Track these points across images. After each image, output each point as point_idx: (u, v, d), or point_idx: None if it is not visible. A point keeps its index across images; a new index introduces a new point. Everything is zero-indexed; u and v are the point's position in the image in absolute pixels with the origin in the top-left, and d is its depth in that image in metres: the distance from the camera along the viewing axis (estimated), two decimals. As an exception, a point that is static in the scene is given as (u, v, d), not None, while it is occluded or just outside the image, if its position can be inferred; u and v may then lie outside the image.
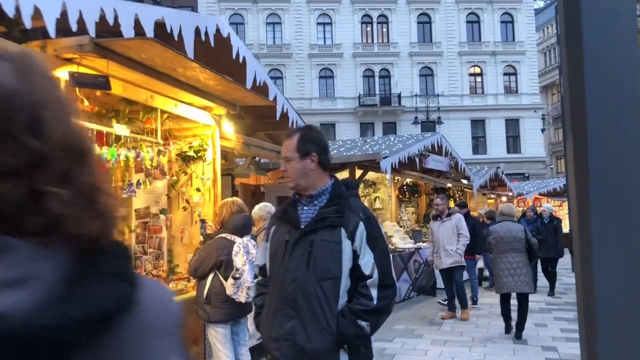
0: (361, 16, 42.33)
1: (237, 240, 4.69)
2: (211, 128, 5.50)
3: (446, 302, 9.69)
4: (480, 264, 12.86)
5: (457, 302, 9.39)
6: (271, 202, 12.87)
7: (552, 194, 25.74)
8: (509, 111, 42.37)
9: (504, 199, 23.67)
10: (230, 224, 4.76)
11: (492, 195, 22.16)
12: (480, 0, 42.84)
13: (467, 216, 10.70)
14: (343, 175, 12.33)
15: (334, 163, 11.44)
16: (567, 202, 27.17)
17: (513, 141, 42.68)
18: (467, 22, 43.11)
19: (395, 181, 13.51)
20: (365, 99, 41.78)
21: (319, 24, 42.18)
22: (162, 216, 5.56)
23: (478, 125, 42.56)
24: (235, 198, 5.10)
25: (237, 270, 4.59)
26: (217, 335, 4.71)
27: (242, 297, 4.61)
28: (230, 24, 37.98)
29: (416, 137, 13.01)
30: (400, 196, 14.12)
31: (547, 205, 13.11)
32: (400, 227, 13.33)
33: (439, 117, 38.02)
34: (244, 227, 4.78)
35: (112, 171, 5.17)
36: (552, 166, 53.27)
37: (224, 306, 4.66)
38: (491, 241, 7.92)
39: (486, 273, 13.51)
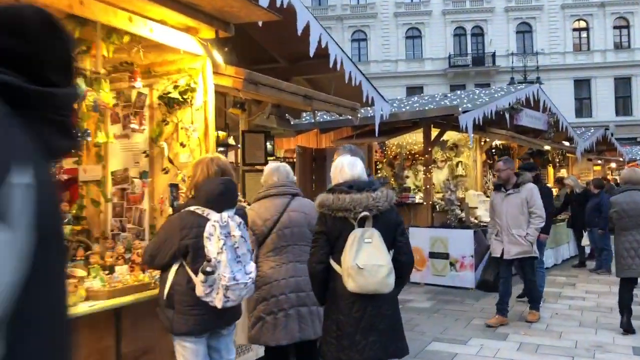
0: (450, -29, 39.06)
1: (213, 216, 3.13)
2: (200, 59, 3.94)
3: (524, 298, 7.47)
4: (585, 240, 10.67)
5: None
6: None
7: (671, 160, 22.24)
8: (619, 69, 37.76)
9: (613, 165, 20.66)
10: (202, 192, 3.20)
11: (599, 161, 19.29)
12: (587, -55, 38.16)
13: (536, 181, 7.44)
14: (417, 135, 10.49)
15: (404, 121, 9.61)
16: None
17: (623, 102, 38.15)
18: (572, -30, 38.62)
19: (482, 143, 11.43)
20: (456, 60, 38.76)
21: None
22: (137, 181, 4.12)
23: (582, 86, 38.37)
24: (217, 154, 3.52)
25: (210, 261, 3.05)
26: (185, 353, 3.22)
27: (217, 301, 3.07)
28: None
29: (507, 89, 10.83)
30: (489, 161, 12.01)
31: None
32: (487, 197, 11.29)
33: (538, 77, 34.40)
34: (222, 198, 3.20)
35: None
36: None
37: (192, 312, 3.15)
38: (612, 215, 6.44)
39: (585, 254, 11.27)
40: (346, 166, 3.40)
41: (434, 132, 9.73)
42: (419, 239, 9.24)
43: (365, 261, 3.06)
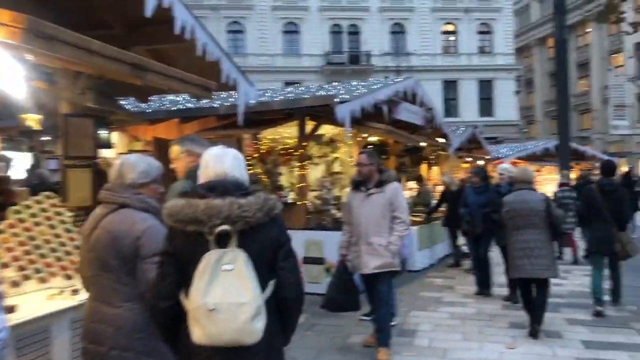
0: (327, -33, 38.80)
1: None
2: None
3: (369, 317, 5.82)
4: (461, 239, 10.36)
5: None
6: None
7: (532, 158, 23.37)
8: (483, 72, 39.80)
9: (480, 162, 21.20)
10: None
11: (468, 159, 19.66)
12: (455, -48, 39.67)
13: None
14: (291, 129, 9.52)
15: (277, 112, 8.59)
16: (548, 167, 24.94)
17: (486, 104, 40.24)
18: (440, -25, 39.97)
19: (359, 138, 10.75)
20: (333, 57, 38.63)
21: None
22: None
23: (450, 87, 39.97)
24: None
25: None
26: None
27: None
28: None
29: (385, 81, 10.23)
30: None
31: (505, 167, 8.49)
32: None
33: (410, 78, 35.19)
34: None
35: None
36: (525, 130, 51.16)
37: None
38: (504, 214, 6.32)
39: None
40: (212, 160, 2.35)
41: (310, 125, 8.82)
42: (292, 243, 8.30)
43: (219, 298, 2.03)
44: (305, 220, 8.70)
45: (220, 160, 2.34)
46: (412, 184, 14.07)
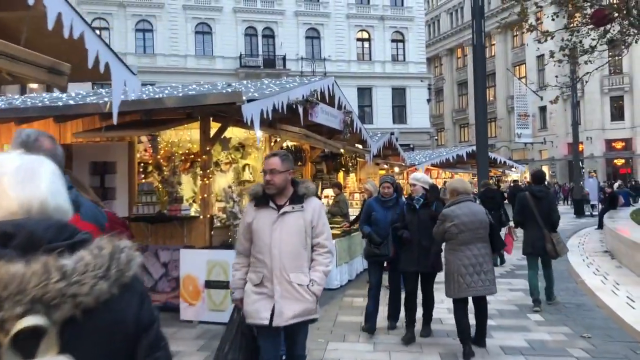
0: (242, -32, 37.50)
1: None
2: None
3: None
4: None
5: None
6: (82, 169, 8.52)
7: (445, 165, 23.28)
8: (396, 80, 39.95)
9: (396, 169, 20.73)
10: None
11: (385, 165, 19.10)
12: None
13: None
14: (193, 131, 8.27)
15: (175, 111, 7.32)
16: (462, 174, 24.95)
17: (400, 111, 40.41)
18: (353, -19, 39.79)
19: (272, 143, 9.63)
20: (247, 60, 37.35)
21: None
22: None
23: (365, 94, 39.79)
24: None
25: None
26: None
27: None
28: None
29: (300, 80, 9.21)
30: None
31: (419, 176, 6.42)
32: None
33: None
34: None
35: None
36: (436, 137, 52.18)
37: None
38: (451, 229, 5.61)
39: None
40: (8, 179, 1.18)
41: (215, 128, 7.61)
42: (193, 264, 7.05)
43: None
44: (209, 237, 7.48)
45: (26, 181, 1.19)
46: (329, 192, 13.17)
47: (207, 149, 7.56)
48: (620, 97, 44.45)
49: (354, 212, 12.40)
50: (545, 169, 48.11)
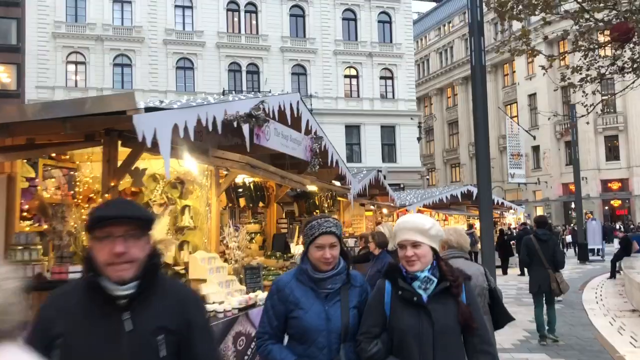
0: (227, 2, 35.97)
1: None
2: None
3: None
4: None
5: None
6: None
7: (438, 206, 21.01)
8: (385, 117, 38.08)
9: (385, 210, 18.43)
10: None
11: (372, 207, 16.84)
12: (356, -4, 38.28)
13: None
14: (94, 156, 5.98)
15: (69, 129, 5.02)
16: (456, 216, 22.69)
17: (389, 149, 38.41)
18: (343, 19, 38.34)
19: (222, 175, 7.31)
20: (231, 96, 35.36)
21: (177, 6, 35.15)
22: None
23: (353, 131, 37.81)
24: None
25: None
26: None
27: None
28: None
29: (254, 94, 6.96)
30: (232, 205, 7.98)
31: (419, 222, 3.78)
32: (226, 261, 7.25)
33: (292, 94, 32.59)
34: None
35: None
36: (427, 177, 50.17)
37: None
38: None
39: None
40: None
41: (123, 154, 5.30)
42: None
43: None
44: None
45: None
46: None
47: (112, 184, 5.23)
48: (614, 137, 42.84)
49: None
50: (539, 210, 46.04)
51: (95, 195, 7.64)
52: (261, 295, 6.47)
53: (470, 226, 21.61)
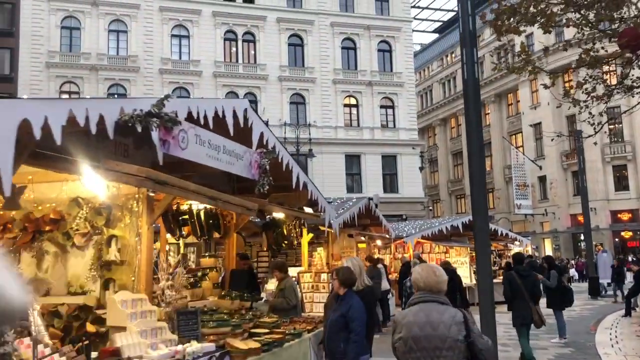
0: (224, 32, 35.35)
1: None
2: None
3: None
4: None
5: None
6: None
7: (438, 238, 19.55)
8: (386, 147, 36.94)
9: (378, 242, 17.03)
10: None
11: (363, 238, 15.46)
12: (356, 25, 37.57)
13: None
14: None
15: None
16: (459, 247, 21.20)
17: (390, 179, 37.11)
18: (343, 47, 37.59)
19: (156, 201, 6.02)
20: (227, 126, 34.40)
21: (173, 36, 34.56)
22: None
23: (353, 161, 36.64)
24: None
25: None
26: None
27: None
28: (62, 28, 29.38)
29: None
30: (170, 236, 6.67)
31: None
32: (157, 304, 5.92)
33: (310, 150, 31.64)
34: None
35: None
36: (430, 208, 48.64)
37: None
38: (398, 344, 3.46)
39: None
40: None
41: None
42: None
43: None
44: None
45: None
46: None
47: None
48: (623, 166, 41.30)
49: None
50: (547, 242, 44.26)
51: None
52: (195, 348, 5.12)
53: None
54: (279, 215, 7.75)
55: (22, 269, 6.24)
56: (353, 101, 37.44)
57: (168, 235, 9.37)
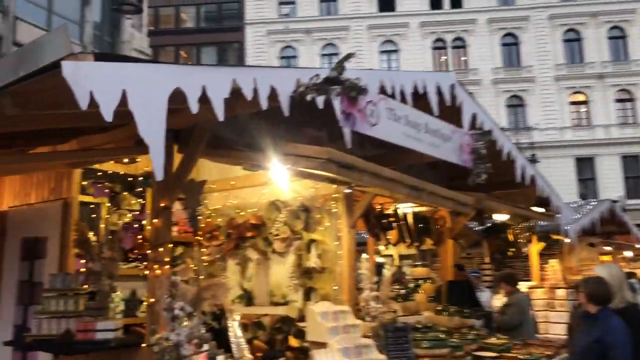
0: (432, 41, 34.42)
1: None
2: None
3: None
4: None
5: None
6: (13, 251, 4.97)
7: None
8: (626, 146, 31.89)
9: (626, 253, 14.20)
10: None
11: (607, 247, 12.94)
12: (580, 13, 33.48)
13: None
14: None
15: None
16: None
17: (635, 183, 31.88)
18: (565, 40, 33.75)
19: (358, 198, 5.31)
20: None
21: (382, 52, 34.76)
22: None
23: (585, 165, 32.37)
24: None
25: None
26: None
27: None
28: (281, 58, 31.75)
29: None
30: (375, 239, 5.84)
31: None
32: (361, 318, 5.16)
33: (533, 155, 28.84)
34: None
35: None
36: (690, 215, 40.57)
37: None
38: None
39: None
40: None
41: (178, 158, 3.69)
42: None
43: None
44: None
45: None
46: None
47: (162, 204, 3.61)
48: None
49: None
50: None
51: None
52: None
53: None
54: (502, 217, 6.45)
55: (227, 277, 6.05)
56: (581, 98, 33.26)
57: (382, 248, 8.68)
